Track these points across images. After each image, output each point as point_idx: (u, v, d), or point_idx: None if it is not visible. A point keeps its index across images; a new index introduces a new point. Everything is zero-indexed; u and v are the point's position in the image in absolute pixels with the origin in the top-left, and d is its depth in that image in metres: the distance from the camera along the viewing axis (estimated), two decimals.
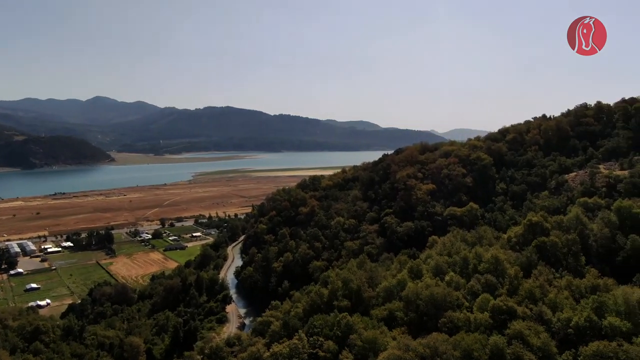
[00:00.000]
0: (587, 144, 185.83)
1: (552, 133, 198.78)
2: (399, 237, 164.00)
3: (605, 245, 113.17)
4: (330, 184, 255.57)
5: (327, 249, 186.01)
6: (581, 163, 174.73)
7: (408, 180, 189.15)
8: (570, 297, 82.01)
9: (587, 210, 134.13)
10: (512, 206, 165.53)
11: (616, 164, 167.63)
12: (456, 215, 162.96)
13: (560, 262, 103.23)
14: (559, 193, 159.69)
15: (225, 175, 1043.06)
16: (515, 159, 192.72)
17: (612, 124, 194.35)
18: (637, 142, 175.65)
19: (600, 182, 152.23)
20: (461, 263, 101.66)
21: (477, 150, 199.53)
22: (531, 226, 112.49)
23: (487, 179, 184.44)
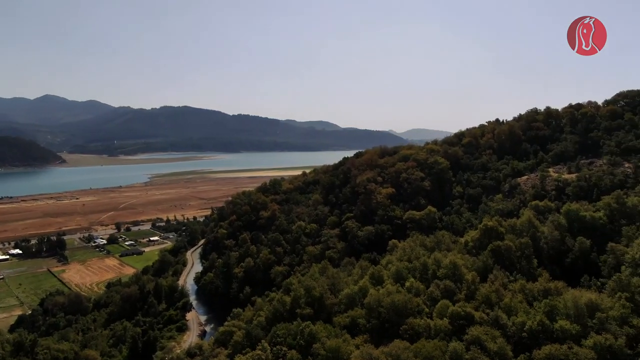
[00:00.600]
0: (538, 148, 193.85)
1: (505, 137, 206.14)
2: (359, 242, 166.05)
3: (556, 248, 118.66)
4: (290, 187, 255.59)
5: (288, 254, 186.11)
6: (532, 167, 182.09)
7: (368, 184, 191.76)
8: (524, 300, 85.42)
9: (538, 213, 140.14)
10: (469, 209, 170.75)
11: (564, 167, 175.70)
12: (415, 218, 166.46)
13: (515, 265, 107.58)
14: (512, 196, 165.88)
15: (184, 177, 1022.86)
16: (471, 163, 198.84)
17: (560, 129, 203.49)
18: (583, 146, 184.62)
19: (550, 186, 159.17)
20: (421, 269, 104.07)
21: (435, 155, 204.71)
22: (487, 231, 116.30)
23: (444, 183, 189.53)
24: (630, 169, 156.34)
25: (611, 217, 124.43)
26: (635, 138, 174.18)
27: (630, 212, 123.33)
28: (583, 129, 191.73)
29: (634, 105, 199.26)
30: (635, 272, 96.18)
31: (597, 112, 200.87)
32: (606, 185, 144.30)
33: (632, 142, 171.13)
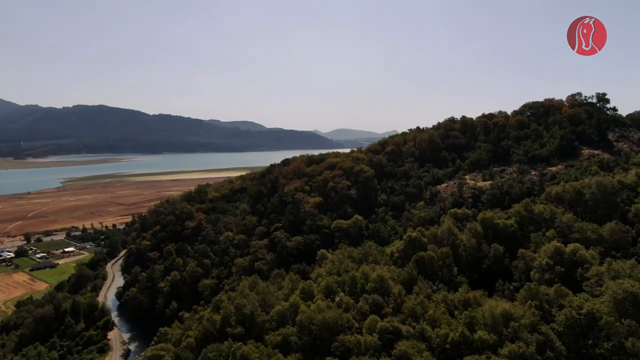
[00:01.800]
0: (455, 155, 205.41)
1: (425, 145, 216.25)
2: (289, 252, 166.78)
3: (473, 254, 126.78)
4: (217, 195, 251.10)
5: (216, 266, 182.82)
6: (451, 174, 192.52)
7: (296, 193, 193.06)
8: (446, 311, 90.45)
9: (457, 221, 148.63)
10: (393, 217, 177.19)
11: (479, 174, 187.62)
12: (343, 227, 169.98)
13: (437, 274, 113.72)
14: (433, 204, 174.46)
15: (101, 181, 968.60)
16: (394, 170, 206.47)
17: (475, 137, 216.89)
18: (495, 154, 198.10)
19: (467, 194, 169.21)
20: (350, 283, 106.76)
21: (360, 163, 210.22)
22: (410, 242, 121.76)
23: (369, 191, 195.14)
24: (536, 177, 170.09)
25: (521, 223, 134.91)
26: (540, 147, 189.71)
27: (537, 219, 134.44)
28: (495, 138, 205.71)
29: (538, 116, 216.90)
30: (542, 277, 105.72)
31: (507, 122, 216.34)
32: (516, 193, 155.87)
33: (538, 151, 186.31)
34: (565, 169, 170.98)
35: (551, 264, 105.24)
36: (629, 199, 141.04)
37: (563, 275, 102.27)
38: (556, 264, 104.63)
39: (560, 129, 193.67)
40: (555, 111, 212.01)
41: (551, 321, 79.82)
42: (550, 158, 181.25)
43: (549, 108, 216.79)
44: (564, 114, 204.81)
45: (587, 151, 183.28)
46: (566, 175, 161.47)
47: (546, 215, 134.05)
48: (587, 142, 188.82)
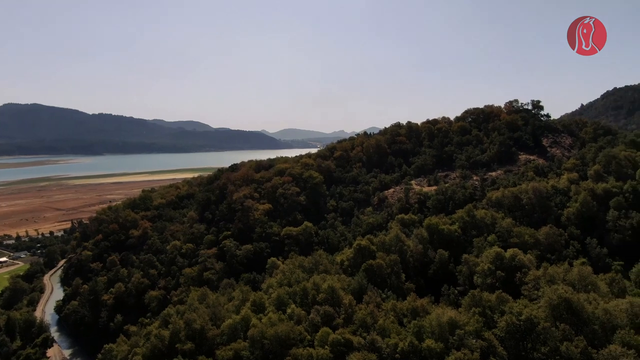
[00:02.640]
0: (402, 161, 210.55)
1: (372, 150, 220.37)
2: (238, 261, 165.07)
3: (420, 260, 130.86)
4: (163, 202, 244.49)
5: (163, 277, 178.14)
6: (397, 179, 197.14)
7: (245, 200, 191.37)
8: (396, 320, 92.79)
9: (404, 226, 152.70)
10: (342, 222, 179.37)
11: (425, 179, 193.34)
12: (293, 234, 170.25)
13: (386, 282, 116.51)
14: (381, 209, 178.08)
15: (36, 185, 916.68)
16: (343, 176, 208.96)
17: (420, 143, 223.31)
18: (440, 159, 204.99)
19: (413, 199, 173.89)
20: (301, 294, 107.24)
21: (309, 169, 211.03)
22: (360, 250, 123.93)
23: (319, 197, 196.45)
24: (478, 182, 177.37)
25: (464, 228, 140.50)
26: (481, 153, 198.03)
27: (479, 224, 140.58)
28: (439, 144, 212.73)
29: (479, 122, 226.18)
30: (485, 282, 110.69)
31: (450, 128, 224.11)
32: (459, 198, 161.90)
33: (479, 157, 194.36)
34: (504, 174, 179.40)
35: (492, 269, 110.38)
36: (561, 203, 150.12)
37: (504, 280, 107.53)
38: (497, 269, 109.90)
39: (499, 135, 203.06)
40: (494, 117, 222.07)
41: (493, 327, 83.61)
42: (491, 163, 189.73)
43: (488, 114, 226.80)
44: (502, 121, 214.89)
45: (523, 156, 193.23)
46: (505, 181, 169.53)
47: (487, 221, 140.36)
48: (523, 147, 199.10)
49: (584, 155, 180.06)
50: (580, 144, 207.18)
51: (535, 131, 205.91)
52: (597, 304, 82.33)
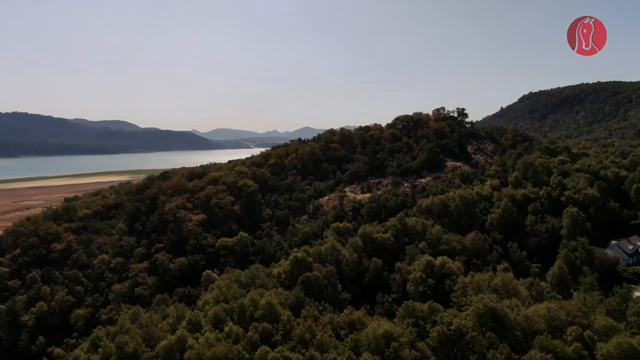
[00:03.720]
0: (336, 168, 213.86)
1: (307, 157, 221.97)
2: (172, 275, 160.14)
3: (355, 269, 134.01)
4: (88, 212, 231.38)
5: (91, 293, 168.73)
6: (332, 187, 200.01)
7: (178, 211, 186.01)
8: (333, 334, 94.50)
9: (339, 235, 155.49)
10: (278, 231, 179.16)
11: (358, 186, 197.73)
12: (228, 245, 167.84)
13: (323, 293, 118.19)
14: (316, 217, 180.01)
15: None
16: (278, 184, 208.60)
17: (353, 149, 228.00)
18: (372, 166, 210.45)
19: (347, 207, 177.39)
20: (239, 310, 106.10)
21: (244, 177, 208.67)
22: (296, 262, 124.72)
23: (254, 206, 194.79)
24: (409, 189, 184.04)
25: (397, 236, 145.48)
26: (411, 160, 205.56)
27: (411, 232, 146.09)
28: (372, 151, 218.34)
29: (408, 129, 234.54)
30: (417, 290, 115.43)
31: (381, 135, 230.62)
32: (392, 206, 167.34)
33: (409, 164, 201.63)
34: (433, 181, 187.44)
35: (424, 277, 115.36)
36: (485, 209, 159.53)
37: (434, 287, 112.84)
38: (428, 277, 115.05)
39: (428, 142, 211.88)
40: (423, 125, 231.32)
41: (426, 337, 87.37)
42: (420, 170, 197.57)
43: (417, 122, 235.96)
44: (430, 128, 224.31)
45: (450, 163, 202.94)
46: (434, 188, 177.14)
47: (418, 228, 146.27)
48: (450, 154, 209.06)
49: (505, 162, 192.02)
50: (501, 150, 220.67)
51: (460, 138, 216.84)
52: (519, 311, 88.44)
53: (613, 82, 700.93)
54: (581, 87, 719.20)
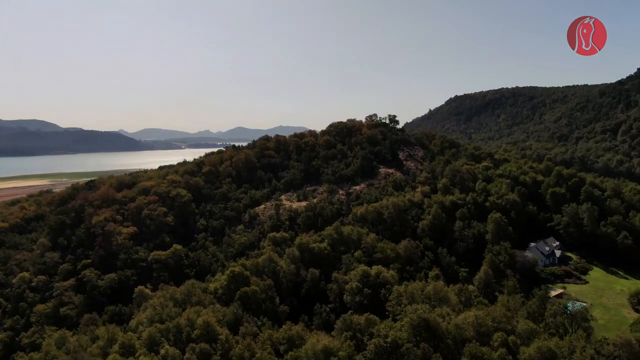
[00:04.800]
0: (271, 175, 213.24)
1: (242, 165, 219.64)
2: (101, 292, 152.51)
3: (293, 280, 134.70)
4: (5, 225, 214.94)
5: (9, 315, 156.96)
6: (268, 195, 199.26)
7: (106, 224, 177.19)
8: (272, 351, 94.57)
9: (276, 245, 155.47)
10: (214, 242, 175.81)
11: (294, 194, 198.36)
12: (161, 259, 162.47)
13: (261, 308, 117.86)
14: (252, 227, 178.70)
15: None
16: (212, 193, 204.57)
17: (289, 156, 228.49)
18: (308, 174, 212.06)
19: (284, 216, 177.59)
20: (175, 331, 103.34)
21: (177, 186, 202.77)
22: (234, 277, 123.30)
23: (188, 216, 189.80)
24: (344, 197, 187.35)
25: (333, 245, 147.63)
26: (345, 167, 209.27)
27: (347, 240, 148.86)
28: (307, 158, 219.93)
29: (342, 136, 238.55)
30: (354, 300, 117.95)
31: (316, 142, 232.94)
32: (327, 214, 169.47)
33: (344, 171, 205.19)
34: (367, 188, 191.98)
35: (360, 287, 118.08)
36: (417, 215, 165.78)
37: (371, 297, 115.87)
38: (364, 287, 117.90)
39: (362, 149, 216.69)
40: (356, 132, 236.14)
41: (364, 349, 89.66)
42: (355, 177, 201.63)
43: (351, 129, 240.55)
44: (364, 135, 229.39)
45: (383, 170, 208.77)
46: (368, 195, 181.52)
47: (354, 237, 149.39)
48: (383, 161, 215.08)
49: (434, 168, 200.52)
50: (430, 155, 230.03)
51: (392, 145, 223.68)
52: (450, 319, 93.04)
53: (530, 87, 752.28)
54: (502, 92, 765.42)
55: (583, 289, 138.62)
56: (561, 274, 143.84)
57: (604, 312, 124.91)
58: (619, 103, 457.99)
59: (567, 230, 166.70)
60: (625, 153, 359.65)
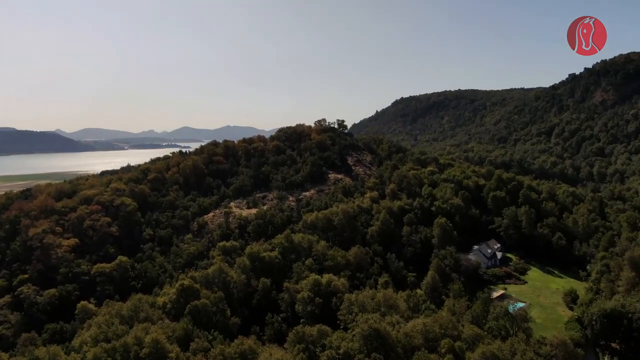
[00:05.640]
0: (220, 182, 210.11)
1: (190, 171, 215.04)
2: (40, 310, 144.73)
3: (244, 290, 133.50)
4: None
5: None
6: (217, 202, 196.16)
7: (45, 236, 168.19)
8: None
9: (226, 254, 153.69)
10: (161, 252, 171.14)
11: (244, 201, 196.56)
12: (105, 272, 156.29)
13: (212, 321, 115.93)
14: (201, 236, 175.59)
15: None
16: (159, 201, 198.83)
17: (238, 162, 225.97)
18: (257, 180, 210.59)
19: (234, 224, 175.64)
20: (122, 350, 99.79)
21: (121, 195, 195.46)
22: (183, 290, 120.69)
23: (133, 226, 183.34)
24: (294, 203, 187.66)
25: (284, 254, 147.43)
26: (295, 173, 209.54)
27: (297, 248, 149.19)
28: (256, 164, 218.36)
29: (292, 141, 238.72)
30: (305, 309, 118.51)
31: (266, 147, 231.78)
32: (278, 222, 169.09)
33: (294, 177, 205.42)
34: (317, 194, 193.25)
35: (312, 296, 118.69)
36: (366, 221, 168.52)
37: (322, 306, 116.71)
38: (316, 296, 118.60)
39: (311, 155, 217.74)
40: (306, 137, 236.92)
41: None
42: (304, 183, 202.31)
43: (300, 134, 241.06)
44: (313, 140, 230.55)
45: (333, 175, 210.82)
46: (318, 202, 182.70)
47: (304, 244, 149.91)
48: (332, 167, 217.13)
49: (382, 173, 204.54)
50: (378, 160, 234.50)
51: (341, 150, 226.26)
52: (400, 327, 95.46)
53: (471, 90, 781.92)
54: (445, 94, 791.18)
55: (522, 289, 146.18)
56: (502, 275, 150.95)
57: (541, 311, 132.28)
58: (553, 107, 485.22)
59: (507, 232, 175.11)
60: (558, 155, 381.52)
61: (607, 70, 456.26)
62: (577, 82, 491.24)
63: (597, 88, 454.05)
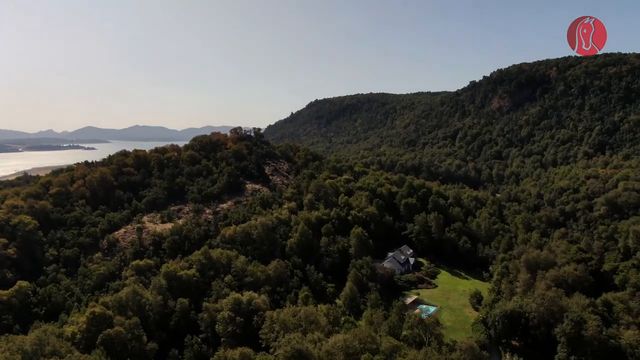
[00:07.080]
0: (132, 195, 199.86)
1: (97, 184, 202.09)
2: None
3: (160, 312, 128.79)
4: None
5: None
6: (128, 217, 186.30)
7: None
8: None
9: (140, 274, 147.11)
10: (67, 274, 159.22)
11: (158, 215, 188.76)
12: (2, 299, 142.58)
13: (127, 350, 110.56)
14: (112, 254, 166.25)
15: None
16: (63, 217, 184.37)
17: (150, 173, 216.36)
18: (171, 192, 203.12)
19: (147, 240, 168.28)
20: None
21: (19, 212, 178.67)
22: (94, 318, 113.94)
23: (34, 246, 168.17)
24: (211, 216, 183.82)
25: (202, 271, 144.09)
26: (211, 184, 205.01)
27: (216, 265, 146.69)
28: (170, 175, 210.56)
29: (207, 151, 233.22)
30: (226, 330, 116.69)
31: (180, 157, 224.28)
32: (195, 237, 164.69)
33: (210, 189, 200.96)
34: (234, 206, 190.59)
35: (232, 316, 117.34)
36: (285, 233, 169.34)
37: (244, 325, 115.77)
38: (237, 315, 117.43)
39: (227, 165, 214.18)
40: (222, 146, 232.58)
41: None
42: (221, 195, 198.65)
43: (216, 143, 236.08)
44: (229, 150, 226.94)
45: (250, 186, 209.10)
46: (236, 214, 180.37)
47: (223, 260, 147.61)
48: (250, 177, 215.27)
49: (300, 183, 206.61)
50: (295, 169, 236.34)
51: (258, 160, 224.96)
52: (321, 345, 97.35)
53: (382, 93, 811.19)
54: (358, 97, 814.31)
55: (434, 293, 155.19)
56: (415, 281, 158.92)
57: (450, 313, 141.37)
58: (456, 112, 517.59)
59: (419, 237, 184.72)
60: (462, 158, 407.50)
61: (503, 79, 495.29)
62: (477, 89, 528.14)
63: (494, 95, 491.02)
